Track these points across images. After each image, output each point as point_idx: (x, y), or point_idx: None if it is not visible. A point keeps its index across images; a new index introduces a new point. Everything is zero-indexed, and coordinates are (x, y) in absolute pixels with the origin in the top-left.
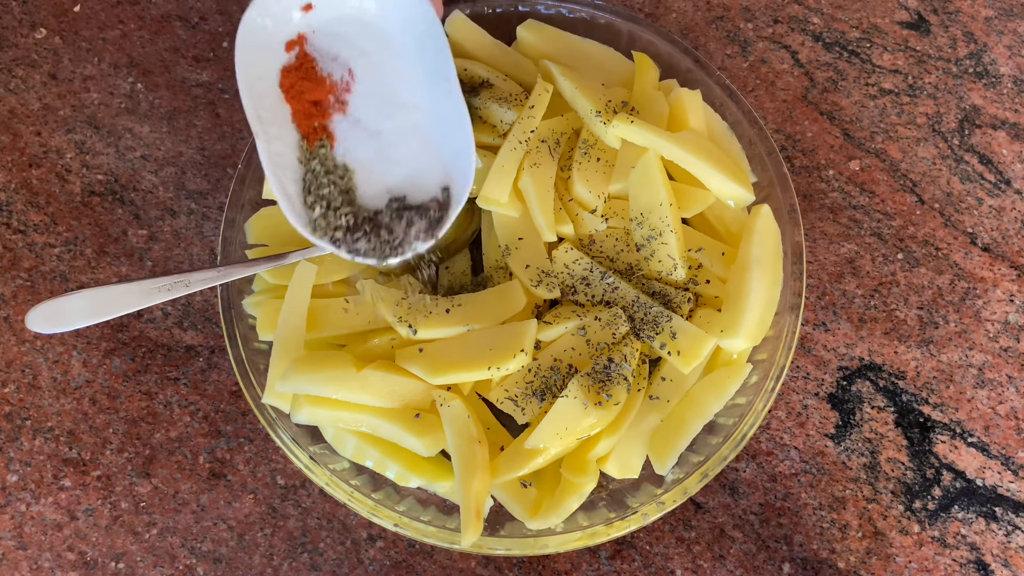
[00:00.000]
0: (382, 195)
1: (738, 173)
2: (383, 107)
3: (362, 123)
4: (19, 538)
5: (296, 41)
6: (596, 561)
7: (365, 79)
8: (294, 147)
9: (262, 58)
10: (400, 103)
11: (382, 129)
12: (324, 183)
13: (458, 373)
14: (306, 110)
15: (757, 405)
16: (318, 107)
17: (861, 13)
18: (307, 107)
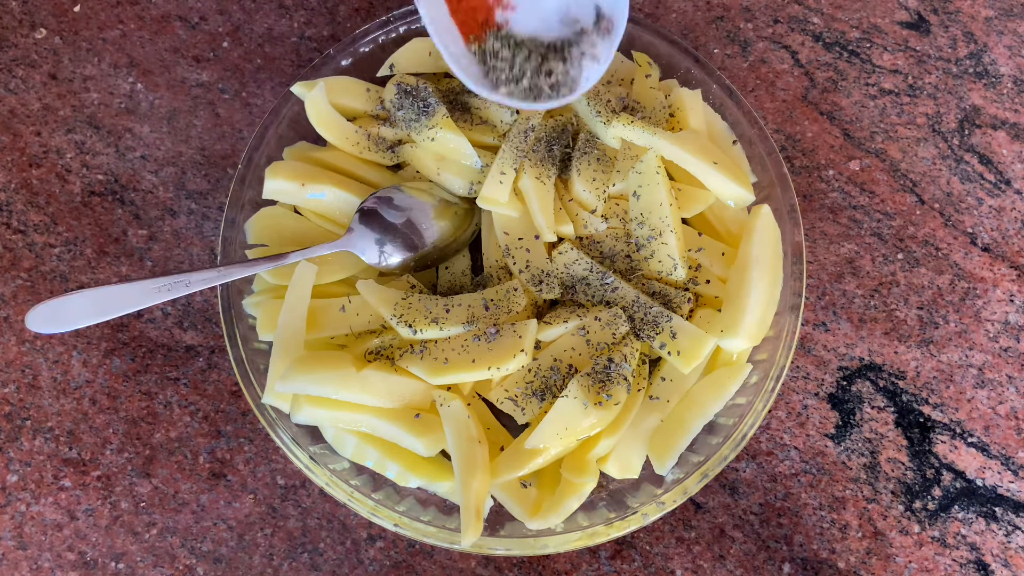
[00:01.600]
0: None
1: (738, 173)
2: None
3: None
4: (19, 538)
5: None
6: (596, 561)
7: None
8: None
9: None
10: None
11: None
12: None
13: (458, 373)
14: (469, 13)
15: (757, 405)
16: (480, 8)
17: (861, 13)
18: (469, 10)
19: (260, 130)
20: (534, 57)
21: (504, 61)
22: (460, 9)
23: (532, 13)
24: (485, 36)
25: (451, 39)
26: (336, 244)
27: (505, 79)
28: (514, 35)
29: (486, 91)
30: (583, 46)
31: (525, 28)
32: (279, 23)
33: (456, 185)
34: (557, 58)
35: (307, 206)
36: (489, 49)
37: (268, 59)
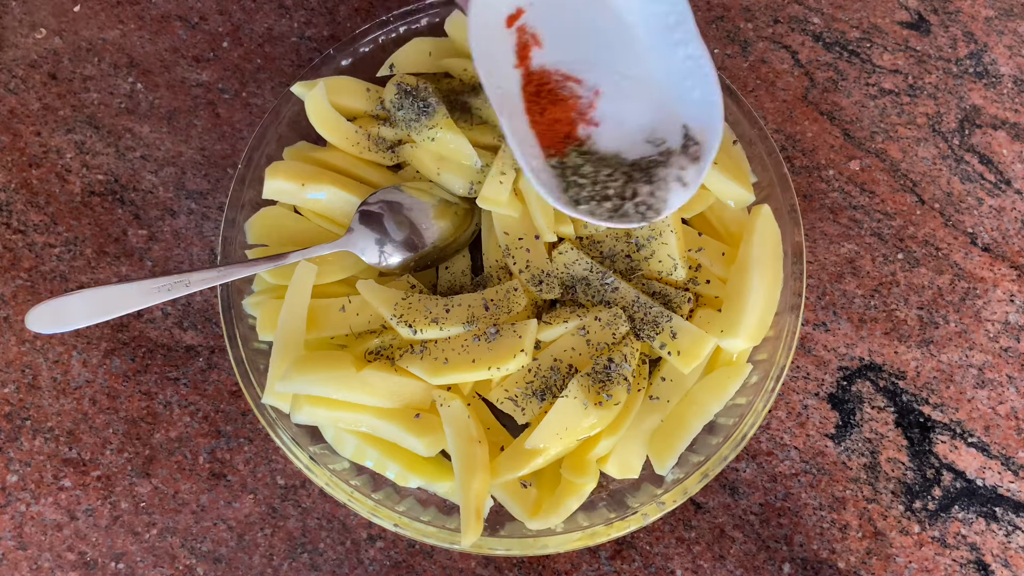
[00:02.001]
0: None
1: (738, 173)
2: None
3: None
4: (19, 538)
5: (515, 16)
6: (596, 561)
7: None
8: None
9: (490, 38)
10: (627, 68)
11: (621, 108)
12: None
13: (458, 373)
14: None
15: (757, 405)
16: (563, 123)
17: (861, 13)
18: (551, 123)
19: (260, 130)
20: (617, 175)
21: (586, 178)
22: (542, 121)
23: (617, 130)
24: (566, 151)
25: (531, 152)
26: (336, 244)
27: (587, 196)
28: (597, 151)
29: (566, 208)
30: (670, 168)
31: (609, 145)
32: (279, 23)
33: (456, 185)
34: (642, 179)
35: (307, 206)
36: (570, 164)
37: (268, 59)
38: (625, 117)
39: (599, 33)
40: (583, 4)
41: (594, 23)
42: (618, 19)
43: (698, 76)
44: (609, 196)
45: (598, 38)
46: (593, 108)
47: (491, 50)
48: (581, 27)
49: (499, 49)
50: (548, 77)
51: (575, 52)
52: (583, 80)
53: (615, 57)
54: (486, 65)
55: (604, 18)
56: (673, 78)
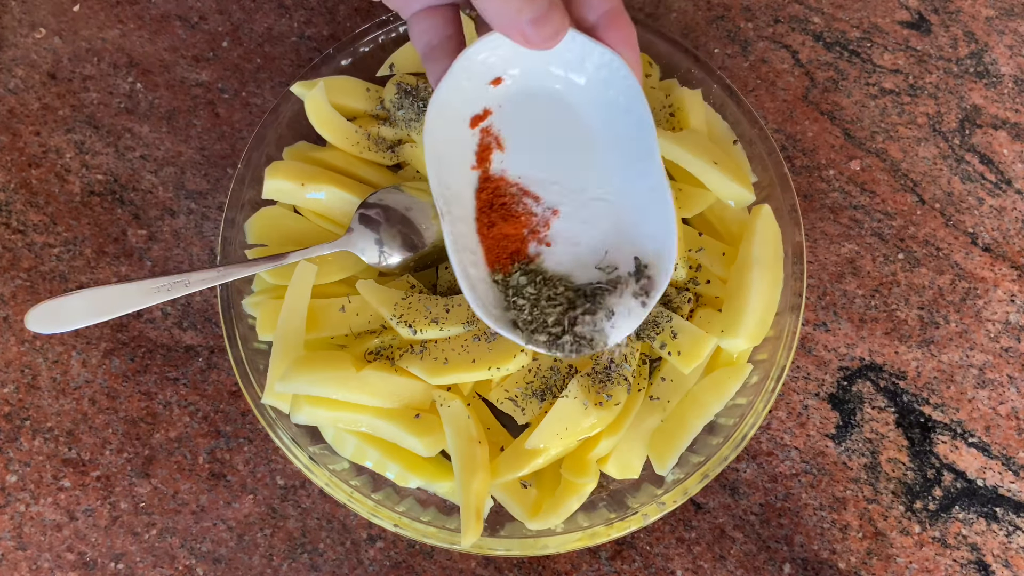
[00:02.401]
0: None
1: (738, 173)
2: (571, 200)
3: (555, 236)
4: (18, 538)
5: (481, 116)
6: (596, 561)
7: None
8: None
9: (448, 135)
10: (587, 188)
11: (572, 229)
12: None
13: (458, 373)
14: (499, 241)
15: (757, 405)
16: (513, 239)
17: (862, 13)
18: (500, 238)
19: (260, 130)
20: (561, 300)
21: (527, 300)
22: (490, 235)
23: (569, 252)
24: (512, 269)
25: (471, 260)
26: (336, 244)
27: (526, 320)
28: (544, 271)
29: (503, 329)
30: (616, 298)
31: (558, 267)
32: (279, 23)
33: None
34: (585, 307)
35: (307, 206)
36: (513, 284)
37: (268, 59)
38: (580, 239)
39: (565, 148)
40: (552, 116)
41: (561, 137)
42: (586, 138)
43: (658, 210)
44: (548, 323)
45: (563, 153)
46: (547, 227)
47: (448, 148)
48: (547, 139)
49: (457, 148)
50: (505, 189)
51: (537, 164)
52: (542, 198)
53: (578, 175)
54: (437, 162)
55: (572, 134)
56: (633, 207)
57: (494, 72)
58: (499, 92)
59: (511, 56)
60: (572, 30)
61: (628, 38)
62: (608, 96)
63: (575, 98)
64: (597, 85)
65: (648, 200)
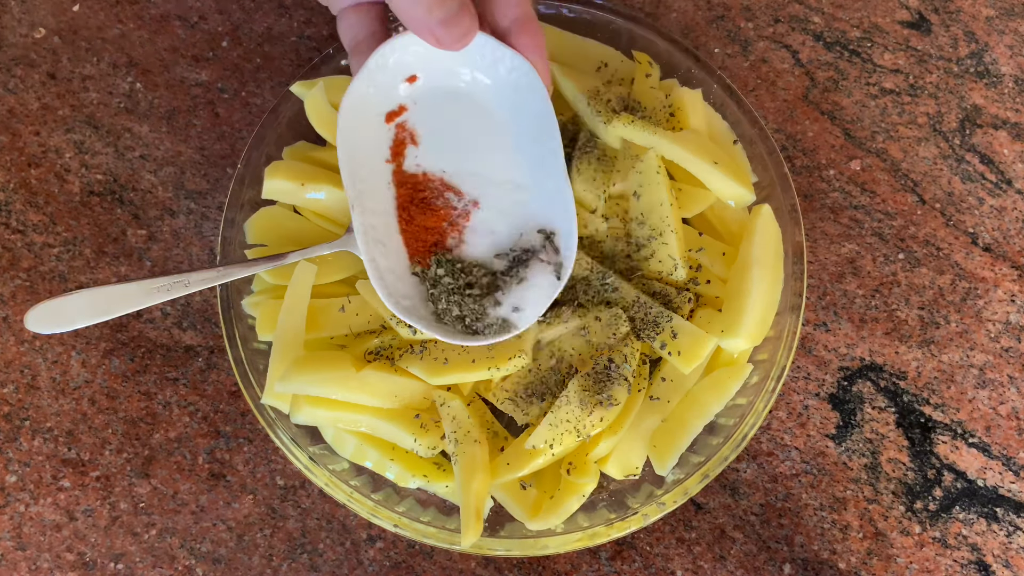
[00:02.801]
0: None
1: (738, 173)
2: (492, 190)
3: (474, 227)
4: (18, 538)
5: (396, 112)
6: (596, 562)
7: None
8: (388, 220)
9: (362, 129)
10: (503, 181)
11: (489, 218)
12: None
13: (458, 373)
14: (419, 234)
15: (758, 405)
16: (432, 231)
17: (862, 12)
18: (420, 231)
19: (259, 130)
20: (477, 288)
21: (445, 289)
22: (409, 229)
23: (485, 242)
24: (430, 261)
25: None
26: (336, 244)
27: (444, 308)
28: (462, 261)
29: (413, 319)
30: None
31: (474, 255)
32: (279, 23)
33: None
34: (499, 293)
35: (307, 206)
36: (431, 276)
37: (267, 59)
38: (498, 228)
39: (478, 144)
40: (465, 115)
41: (474, 135)
42: (498, 136)
43: (562, 207)
44: (466, 310)
45: (477, 147)
46: (467, 219)
47: (362, 142)
48: (461, 136)
49: (372, 142)
50: (426, 184)
51: (456, 158)
52: (463, 192)
53: (495, 167)
54: (350, 155)
55: (484, 132)
56: (542, 201)
57: (409, 70)
58: (414, 90)
59: (425, 55)
60: (484, 34)
61: (537, 45)
62: (517, 98)
63: (487, 98)
64: (507, 87)
65: (553, 199)
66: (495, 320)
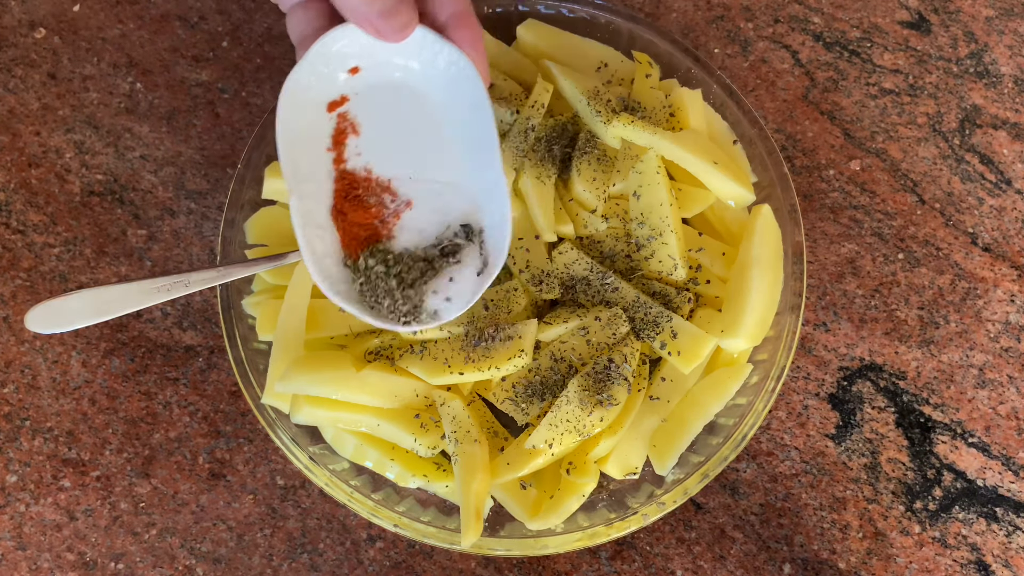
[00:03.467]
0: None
1: (738, 173)
2: (426, 189)
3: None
4: (18, 538)
5: (338, 102)
6: (596, 561)
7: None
8: (328, 207)
9: (303, 116)
10: (438, 180)
11: (421, 216)
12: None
13: (458, 373)
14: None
15: (757, 405)
16: (364, 227)
17: (862, 13)
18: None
19: (260, 130)
20: (407, 275)
21: (373, 280)
22: (344, 223)
23: (417, 236)
24: (361, 254)
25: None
26: None
27: (372, 299)
28: (392, 252)
29: (349, 305)
30: (458, 268)
31: (405, 246)
32: (279, 23)
33: None
34: (429, 280)
35: None
36: (362, 267)
37: (268, 59)
38: (427, 227)
39: (417, 137)
40: (405, 106)
41: (414, 127)
42: (437, 129)
43: (497, 200)
44: (394, 301)
45: (416, 142)
46: (398, 218)
47: (303, 129)
48: (401, 127)
49: (313, 130)
50: (360, 183)
51: (393, 155)
52: (397, 193)
53: (430, 165)
54: (290, 142)
55: (424, 124)
56: (476, 194)
57: (351, 61)
58: (356, 80)
59: (367, 46)
60: (424, 28)
61: (475, 39)
62: (456, 92)
63: (426, 91)
64: (447, 81)
65: (489, 191)
66: (424, 310)
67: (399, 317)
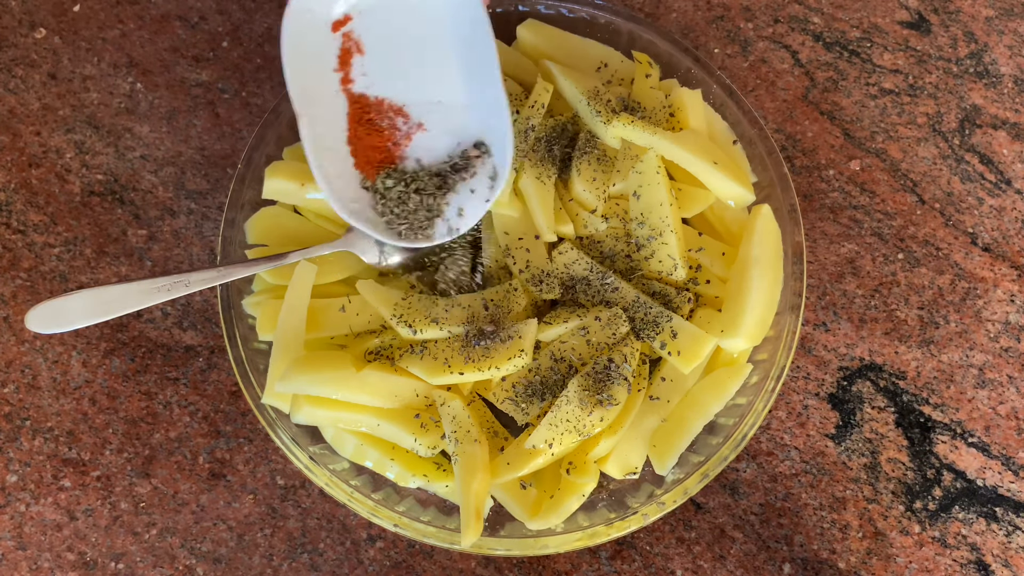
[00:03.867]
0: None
1: (738, 173)
2: (436, 111)
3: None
4: (19, 538)
5: (342, 21)
6: (596, 561)
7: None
8: (338, 130)
9: (308, 37)
10: (446, 101)
11: (435, 133)
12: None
13: (458, 373)
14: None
15: (757, 405)
16: (378, 149)
17: (862, 13)
18: (368, 150)
19: (260, 130)
20: (423, 192)
21: (392, 199)
22: (358, 148)
23: (428, 155)
24: (378, 176)
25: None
26: (336, 244)
27: (392, 217)
28: (406, 173)
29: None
30: (468, 182)
31: (419, 168)
32: (279, 23)
33: None
34: (442, 196)
35: (307, 206)
36: (380, 189)
37: (268, 59)
38: (439, 145)
39: (422, 56)
40: (408, 24)
41: (417, 45)
42: (439, 47)
43: (498, 115)
44: (410, 215)
45: (421, 60)
46: (409, 140)
47: (309, 51)
48: (405, 46)
49: (318, 52)
50: (373, 107)
51: (400, 76)
52: (409, 116)
53: (436, 85)
54: (297, 66)
55: (427, 42)
56: (480, 111)
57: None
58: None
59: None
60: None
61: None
62: (455, 8)
63: (426, 7)
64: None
65: (492, 107)
66: (440, 224)
67: (415, 233)
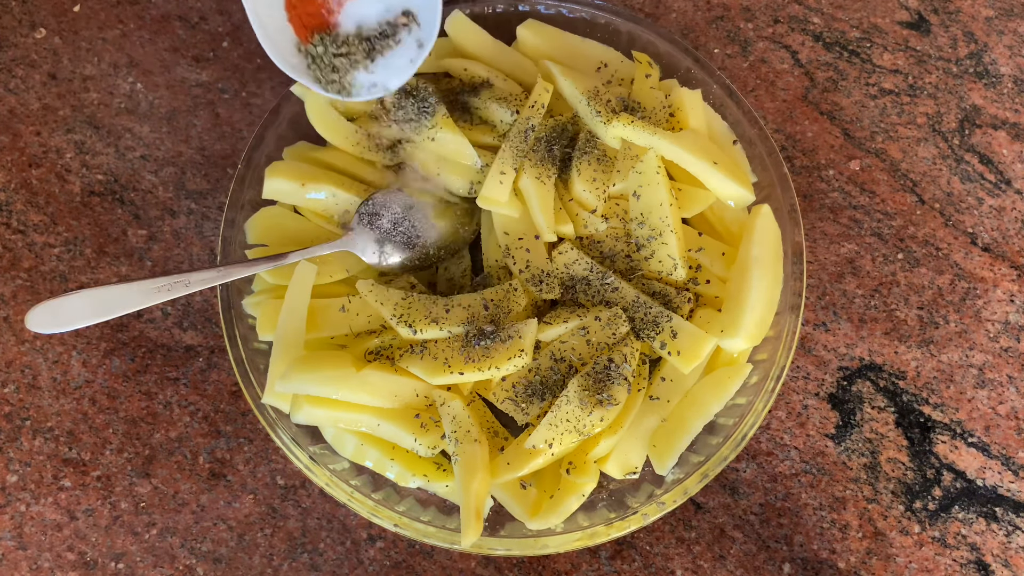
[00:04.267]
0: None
1: (738, 173)
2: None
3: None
4: (19, 538)
5: None
6: (596, 561)
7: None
8: None
9: None
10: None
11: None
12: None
13: (458, 373)
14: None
15: (757, 405)
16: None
17: (861, 13)
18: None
19: (260, 130)
20: (353, 59)
21: (325, 60)
22: (294, 13)
23: (357, 18)
24: (312, 39)
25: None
26: (336, 244)
27: (324, 73)
28: (337, 36)
29: (292, 71)
30: (396, 42)
31: (345, 30)
32: None
33: (456, 185)
34: (370, 58)
35: (307, 206)
36: (313, 52)
37: (268, 59)
38: (368, 11)
39: None
40: None
41: None
42: None
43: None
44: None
45: None
46: (341, 6)
47: None
48: None
49: None
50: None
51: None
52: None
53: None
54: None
55: None
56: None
57: None
58: None
59: None
60: None
61: None
62: None
63: None
64: None
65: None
66: (369, 83)
67: (342, 89)
